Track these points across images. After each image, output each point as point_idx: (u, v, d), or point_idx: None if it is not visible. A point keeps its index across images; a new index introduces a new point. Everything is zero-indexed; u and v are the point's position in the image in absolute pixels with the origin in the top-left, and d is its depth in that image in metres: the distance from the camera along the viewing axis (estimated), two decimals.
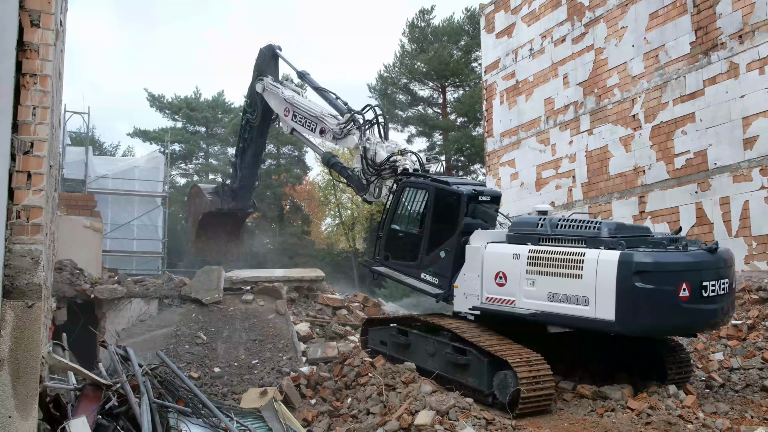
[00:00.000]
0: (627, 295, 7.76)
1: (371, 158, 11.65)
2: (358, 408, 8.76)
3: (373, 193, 11.74)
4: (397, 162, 11.36)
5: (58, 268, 13.53)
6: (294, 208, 47.92)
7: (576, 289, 8.18)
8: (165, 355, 8.85)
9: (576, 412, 8.23)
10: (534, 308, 8.62)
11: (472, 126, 39.80)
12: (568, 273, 8.29)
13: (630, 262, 7.78)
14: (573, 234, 8.59)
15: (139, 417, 6.20)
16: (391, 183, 11.41)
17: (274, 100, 14.28)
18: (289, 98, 13.69)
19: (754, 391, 9.37)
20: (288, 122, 13.80)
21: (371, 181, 11.66)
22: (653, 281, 7.74)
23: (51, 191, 6.65)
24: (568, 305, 8.25)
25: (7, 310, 4.89)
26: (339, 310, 15.54)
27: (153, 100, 47.09)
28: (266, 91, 14.46)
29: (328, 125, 12.68)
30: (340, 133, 12.30)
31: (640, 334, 8.65)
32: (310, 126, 13.17)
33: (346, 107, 12.75)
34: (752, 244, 14.47)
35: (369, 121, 12.13)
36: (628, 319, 7.81)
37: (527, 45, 22.12)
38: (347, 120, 12.23)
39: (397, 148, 11.88)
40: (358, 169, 12.05)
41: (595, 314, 7.98)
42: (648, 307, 7.79)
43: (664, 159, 16.85)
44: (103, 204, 24.34)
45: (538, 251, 8.71)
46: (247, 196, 17.09)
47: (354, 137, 12.10)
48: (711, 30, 15.68)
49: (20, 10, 5.12)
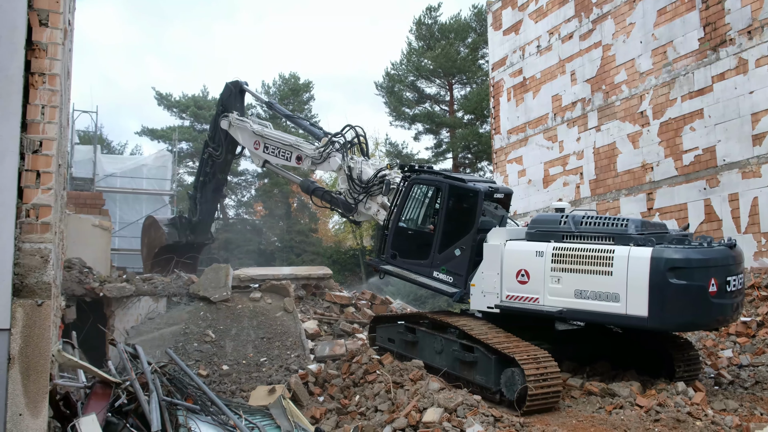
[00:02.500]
0: (660, 291, 7.78)
1: (357, 177, 11.65)
2: (366, 405, 8.77)
3: (361, 211, 11.75)
4: (387, 176, 11.33)
5: (67, 266, 13.60)
6: (301, 205, 47.88)
7: (605, 285, 8.17)
8: (174, 352, 8.89)
9: (584, 409, 8.21)
10: (560, 305, 8.60)
11: (480, 123, 39.68)
12: (596, 270, 8.29)
13: (663, 258, 7.81)
14: (599, 231, 8.56)
15: (148, 414, 6.23)
16: (381, 199, 11.41)
17: (242, 134, 14.18)
18: (258, 131, 13.66)
19: (763, 388, 9.32)
20: (259, 155, 13.70)
21: (359, 200, 11.65)
22: (686, 277, 7.79)
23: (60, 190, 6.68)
24: (596, 302, 8.24)
25: (17, 308, 4.92)
26: (347, 308, 15.56)
27: (161, 98, 47.19)
28: (232, 126, 14.35)
29: (304, 152, 12.62)
30: (319, 157, 12.28)
31: (672, 329, 8.68)
32: (284, 155, 13.10)
33: (321, 131, 12.78)
34: (761, 241, 14.39)
35: (349, 141, 12.13)
36: (661, 315, 7.84)
37: (534, 42, 22.05)
38: (325, 143, 12.17)
39: (382, 163, 11.95)
40: (343, 191, 12.00)
41: (626, 311, 7.99)
42: (680, 303, 7.85)
43: (672, 155, 16.78)
44: (111, 202, 24.47)
45: (563, 248, 8.67)
46: (205, 230, 16.85)
47: (336, 159, 12.07)
48: (719, 26, 15.59)
49: (29, 10, 5.14)
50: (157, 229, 16.82)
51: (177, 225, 16.59)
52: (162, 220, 17.34)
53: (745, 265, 14.52)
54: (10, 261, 4.94)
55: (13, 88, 5.02)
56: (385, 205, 11.35)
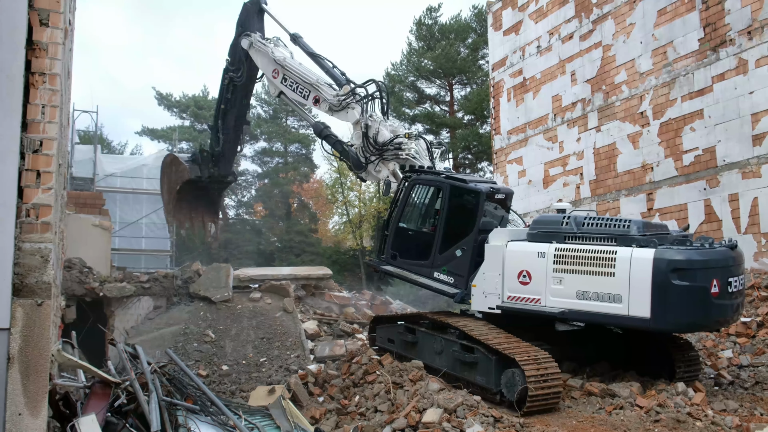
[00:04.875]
0: (663, 292, 7.79)
1: (373, 137, 11.13)
2: (365, 406, 8.76)
3: (371, 172, 11.29)
4: (403, 144, 10.91)
5: (67, 266, 13.60)
6: (301, 206, 47.96)
7: (608, 286, 8.18)
8: (173, 352, 8.89)
9: (584, 409, 8.20)
10: (562, 306, 8.60)
11: (480, 123, 39.72)
12: (598, 271, 8.29)
13: (665, 259, 7.82)
14: (601, 232, 8.56)
15: (148, 414, 6.23)
16: (393, 165, 11.04)
17: (261, 59, 13.15)
18: (280, 59, 12.67)
19: (763, 388, 9.32)
20: (276, 84, 12.80)
21: (371, 161, 11.18)
22: (689, 278, 7.81)
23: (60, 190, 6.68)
24: (599, 303, 8.25)
25: (16, 308, 4.92)
26: (346, 308, 15.56)
27: (161, 98, 47.22)
28: (253, 48, 13.27)
29: (324, 94, 11.85)
30: (337, 105, 11.55)
31: (674, 330, 8.68)
32: (302, 92, 12.30)
33: (344, 78, 11.96)
34: (761, 241, 14.39)
35: (371, 95, 11.43)
36: (663, 316, 7.84)
37: (535, 42, 22.05)
38: (347, 92, 11.48)
39: (401, 128, 11.36)
40: (356, 146, 11.48)
41: (628, 311, 8.00)
42: (683, 304, 7.85)
43: (672, 156, 16.77)
44: (111, 202, 24.42)
45: (565, 249, 8.67)
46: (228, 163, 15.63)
47: (355, 112, 11.39)
48: (719, 26, 15.59)
49: (29, 9, 5.14)
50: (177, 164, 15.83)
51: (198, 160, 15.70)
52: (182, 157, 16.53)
53: (746, 266, 14.57)
54: (10, 261, 4.93)
55: (14, 87, 5.01)
56: (396, 173, 11.04)
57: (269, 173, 47.16)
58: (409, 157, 10.91)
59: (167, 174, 16.10)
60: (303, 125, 45.75)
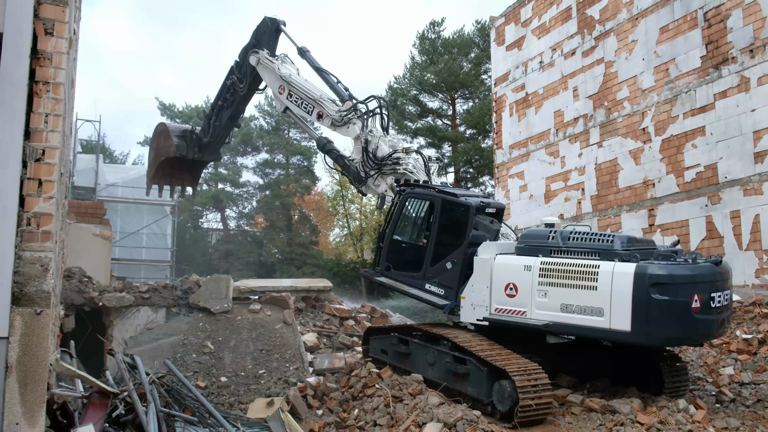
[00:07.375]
0: (643, 306, 7.83)
1: (372, 151, 11.38)
2: (365, 419, 8.71)
3: (370, 186, 11.48)
4: (401, 160, 11.13)
5: (67, 275, 13.57)
6: (302, 218, 47.99)
7: (590, 300, 8.24)
8: (172, 363, 8.86)
9: (585, 426, 8.16)
10: (547, 319, 8.66)
11: (482, 138, 39.81)
12: (581, 285, 8.38)
13: (646, 274, 7.87)
14: (585, 246, 8.67)
15: (145, 425, 6.19)
16: (391, 180, 11.24)
17: (269, 76, 13.55)
18: (286, 76, 12.99)
19: (765, 406, 9.26)
20: (282, 100, 13.16)
21: (370, 175, 11.40)
22: (669, 293, 7.84)
23: (61, 199, 6.68)
24: (582, 316, 8.31)
25: (15, 317, 4.91)
26: (346, 321, 15.51)
27: (164, 108, 47.39)
28: (260, 64, 13.69)
29: (327, 110, 12.15)
30: (339, 120, 11.84)
31: (654, 344, 8.72)
32: (306, 108, 12.60)
33: (347, 93, 12.26)
34: (763, 258, 14.37)
35: (371, 111, 11.71)
36: (643, 330, 7.88)
37: (537, 58, 22.14)
38: (349, 108, 11.76)
39: (400, 143, 11.59)
40: (357, 160, 11.71)
41: (610, 325, 8.05)
42: (663, 319, 7.88)
43: (674, 172, 16.79)
44: (112, 212, 24.44)
45: (550, 263, 8.76)
46: (214, 152, 16.26)
47: (356, 127, 11.67)
48: (722, 44, 15.66)
49: (34, 19, 5.16)
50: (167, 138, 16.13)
51: (187, 139, 16.06)
52: (174, 130, 16.50)
53: (747, 282, 14.54)
54: (9, 269, 4.92)
55: (18, 94, 5.02)
56: (394, 187, 11.21)
57: (271, 185, 47.23)
58: (406, 172, 11.07)
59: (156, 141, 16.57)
60: (305, 137, 45.89)
